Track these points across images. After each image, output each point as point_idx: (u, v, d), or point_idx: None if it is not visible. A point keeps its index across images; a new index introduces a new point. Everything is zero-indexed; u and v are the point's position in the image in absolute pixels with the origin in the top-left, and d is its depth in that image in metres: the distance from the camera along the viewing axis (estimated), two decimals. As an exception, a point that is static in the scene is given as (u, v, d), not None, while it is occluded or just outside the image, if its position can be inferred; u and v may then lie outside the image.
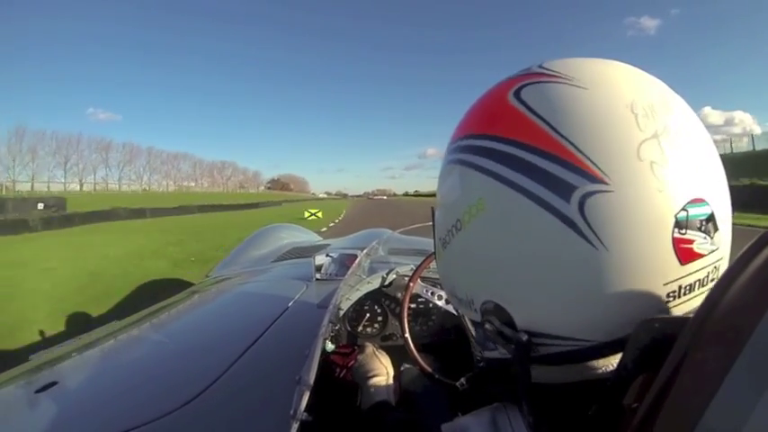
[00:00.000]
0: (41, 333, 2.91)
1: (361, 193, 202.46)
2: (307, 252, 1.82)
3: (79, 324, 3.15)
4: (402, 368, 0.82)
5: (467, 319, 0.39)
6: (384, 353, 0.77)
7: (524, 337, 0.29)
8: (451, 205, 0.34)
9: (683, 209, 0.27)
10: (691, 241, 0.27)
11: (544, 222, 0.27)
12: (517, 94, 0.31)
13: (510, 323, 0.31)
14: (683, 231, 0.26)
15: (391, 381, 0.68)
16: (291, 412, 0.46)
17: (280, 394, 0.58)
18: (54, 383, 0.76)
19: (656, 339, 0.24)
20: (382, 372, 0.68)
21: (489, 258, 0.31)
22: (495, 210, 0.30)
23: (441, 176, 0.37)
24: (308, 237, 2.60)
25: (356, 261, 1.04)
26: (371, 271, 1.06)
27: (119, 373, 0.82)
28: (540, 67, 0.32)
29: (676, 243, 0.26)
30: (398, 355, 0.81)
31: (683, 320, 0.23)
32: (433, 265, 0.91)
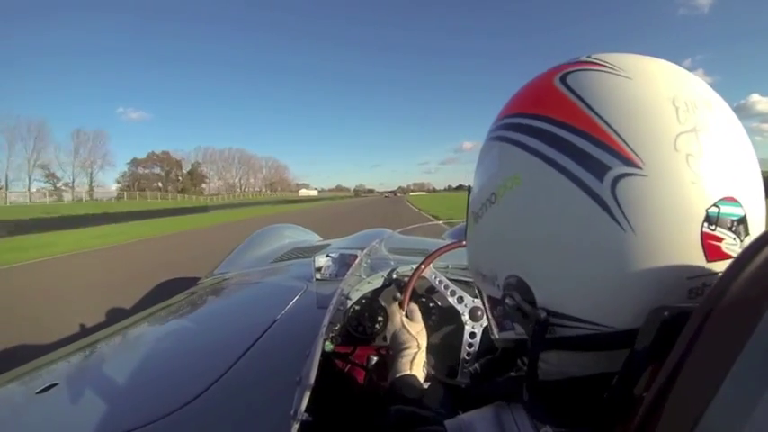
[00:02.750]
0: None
1: (396, 188, 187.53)
2: (307, 252, 1.82)
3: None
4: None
5: (485, 297, 0.39)
6: (417, 319, 0.74)
7: (543, 315, 0.30)
8: (488, 180, 0.35)
9: (715, 205, 0.27)
10: (720, 239, 0.27)
11: (576, 199, 0.28)
12: (563, 79, 0.32)
13: (530, 299, 0.31)
14: (713, 228, 0.27)
15: (423, 353, 0.68)
16: (292, 413, 0.46)
17: (280, 395, 0.58)
18: (54, 384, 0.76)
19: (665, 328, 0.24)
20: (412, 345, 0.68)
21: (518, 231, 0.31)
22: (529, 183, 0.30)
23: (481, 153, 0.38)
24: (308, 237, 2.60)
25: (356, 261, 1.04)
26: (372, 271, 1.06)
27: (119, 374, 0.82)
28: (588, 57, 0.33)
29: (705, 238, 0.26)
30: None
31: (692, 310, 0.23)
32: (438, 262, 0.91)
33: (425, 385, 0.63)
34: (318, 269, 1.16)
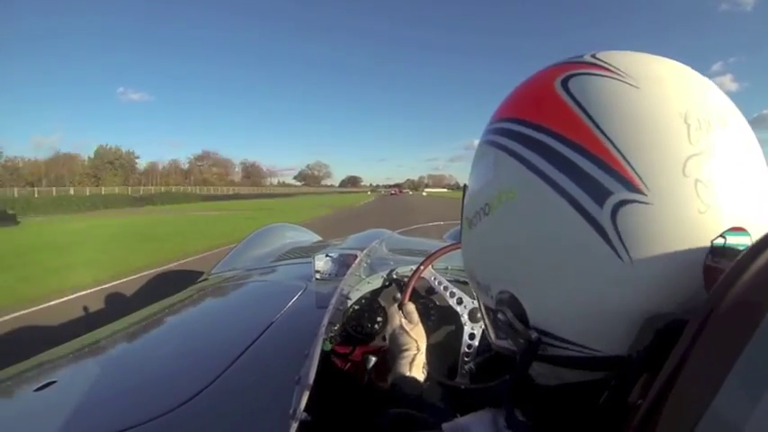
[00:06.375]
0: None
1: (404, 181, 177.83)
2: (306, 252, 1.82)
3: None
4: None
5: (481, 303, 0.39)
6: (415, 321, 0.74)
7: (534, 335, 0.29)
8: (483, 188, 0.33)
9: (722, 235, 0.24)
10: (722, 270, 0.25)
11: (573, 223, 0.26)
12: (564, 84, 0.29)
13: (523, 317, 0.30)
14: (717, 260, 0.24)
15: (422, 355, 0.68)
16: (291, 412, 0.46)
17: (279, 394, 0.58)
18: (53, 382, 0.76)
19: (660, 336, 0.24)
20: (412, 347, 0.68)
21: (512, 249, 0.30)
22: (524, 200, 0.29)
23: (476, 156, 0.35)
24: (308, 236, 2.60)
25: (356, 261, 1.04)
26: (371, 271, 1.06)
27: (117, 372, 0.82)
28: (594, 57, 0.30)
29: (707, 271, 0.24)
30: None
31: (687, 318, 0.23)
32: (437, 263, 0.90)
33: (425, 387, 0.63)
34: (318, 269, 1.16)
